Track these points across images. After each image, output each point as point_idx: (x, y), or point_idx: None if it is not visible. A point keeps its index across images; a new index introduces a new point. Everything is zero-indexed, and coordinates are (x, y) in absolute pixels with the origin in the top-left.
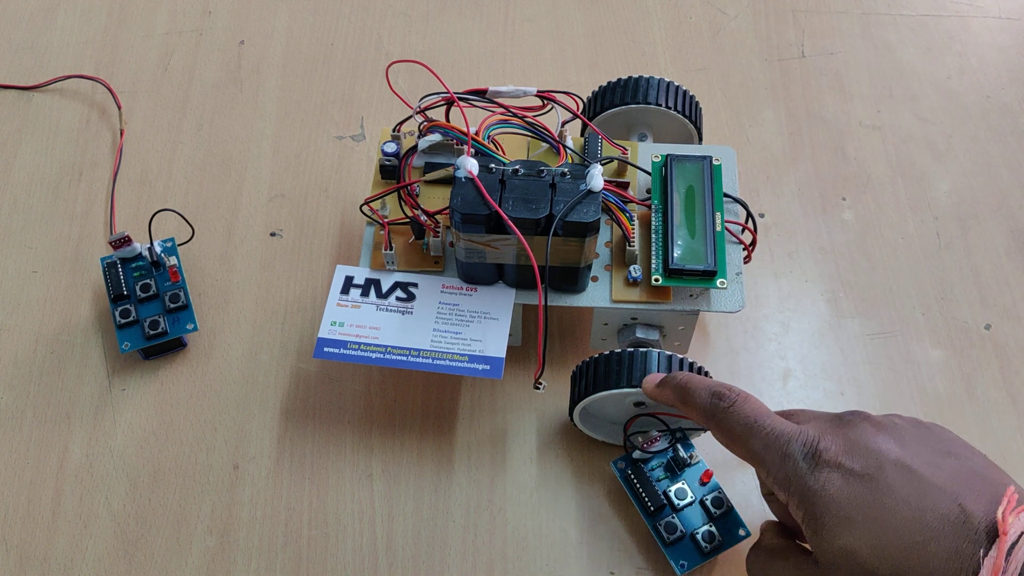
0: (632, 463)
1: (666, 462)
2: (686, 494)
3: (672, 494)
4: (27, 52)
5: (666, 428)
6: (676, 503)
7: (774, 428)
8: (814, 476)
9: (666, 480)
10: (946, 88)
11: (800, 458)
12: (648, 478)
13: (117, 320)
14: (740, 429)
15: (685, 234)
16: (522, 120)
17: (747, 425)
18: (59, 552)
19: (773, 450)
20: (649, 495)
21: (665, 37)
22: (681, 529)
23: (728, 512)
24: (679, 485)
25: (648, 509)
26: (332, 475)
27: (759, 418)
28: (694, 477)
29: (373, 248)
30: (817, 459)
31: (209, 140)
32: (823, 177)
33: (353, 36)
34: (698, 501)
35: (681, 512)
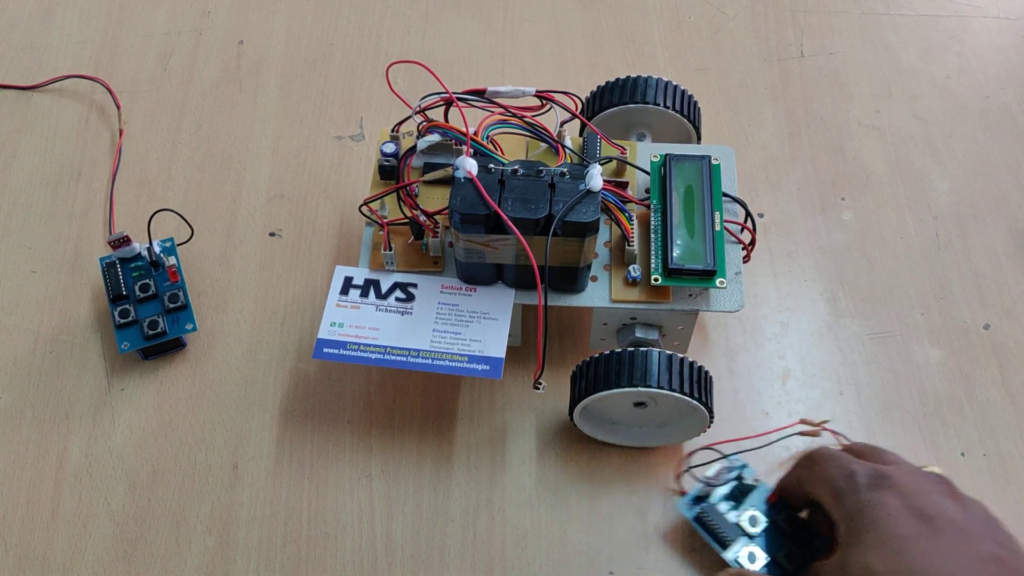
0: (698, 499)
1: (730, 491)
2: (758, 520)
3: (745, 522)
4: (26, 52)
5: (722, 455)
6: (751, 531)
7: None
8: (873, 493)
9: (733, 510)
10: (945, 88)
11: (862, 476)
12: (721, 513)
13: (116, 320)
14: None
15: (684, 234)
16: (521, 120)
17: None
18: (58, 552)
19: (841, 470)
20: (725, 529)
21: (664, 37)
22: (764, 556)
23: (804, 526)
24: (751, 512)
25: (725, 544)
26: (331, 475)
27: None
28: (759, 498)
29: (372, 248)
30: (880, 483)
31: (208, 140)
32: (822, 177)
33: (352, 36)
34: (770, 524)
35: (757, 538)
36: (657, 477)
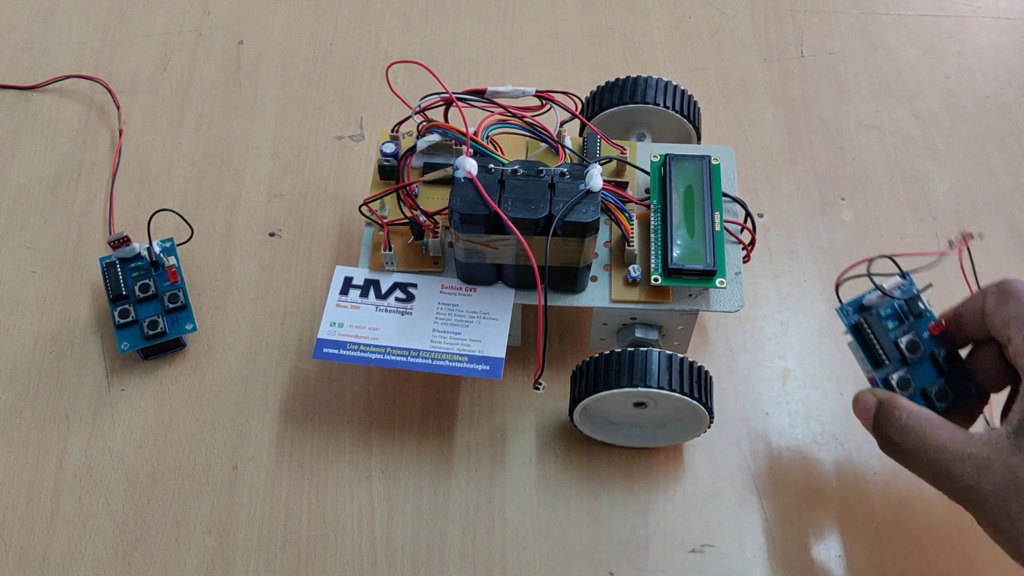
0: (862, 309)
1: (896, 310)
2: (918, 347)
3: (903, 346)
4: (26, 52)
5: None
6: (908, 357)
7: None
8: None
9: (896, 330)
10: (945, 88)
11: None
12: (884, 326)
13: (116, 320)
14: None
15: (684, 234)
16: (521, 120)
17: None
18: (58, 552)
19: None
20: (884, 345)
21: (664, 37)
22: (915, 385)
23: (960, 368)
24: (910, 337)
25: (881, 361)
26: (331, 475)
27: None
28: (923, 327)
29: (372, 249)
30: None
31: (208, 140)
32: (822, 177)
33: (352, 36)
34: (927, 354)
35: (912, 366)
36: (657, 477)
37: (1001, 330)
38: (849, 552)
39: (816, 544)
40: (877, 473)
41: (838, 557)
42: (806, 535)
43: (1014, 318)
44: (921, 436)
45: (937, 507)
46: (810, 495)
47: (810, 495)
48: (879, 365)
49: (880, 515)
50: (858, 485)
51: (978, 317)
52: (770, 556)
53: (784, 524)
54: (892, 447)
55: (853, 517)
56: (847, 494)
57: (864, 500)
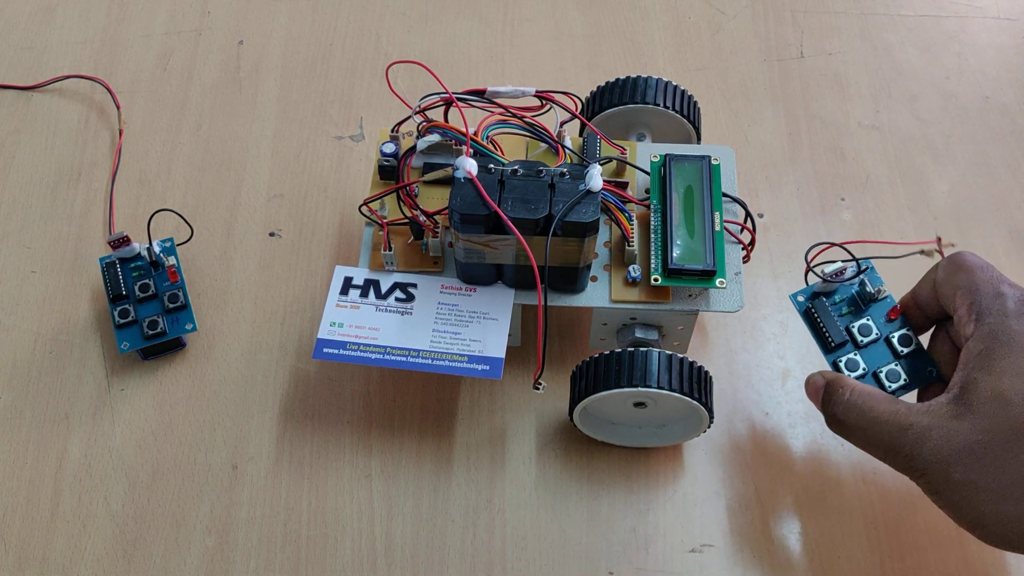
0: (814, 296)
1: (851, 296)
2: (870, 330)
3: (855, 330)
4: (26, 52)
5: (852, 259)
6: (859, 340)
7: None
8: (1019, 320)
9: (849, 316)
10: (945, 88)
11: (1012, 300)
12: (830, 312)
13: (116, 320)
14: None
15: (684, 234)
16: (521, 120)
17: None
18: (57, 552)
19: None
20: (831, 330)
21: (664, 37)
22: (863, 367)
23: (917, 351)
24: (863, 321)
25: (829, 345)
26: (331, 475)
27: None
28: (880, 313)
29: (372, 248)
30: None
31: (208, 140)
32: (822, 177)
33: (352, 36)
34: (883, 339)
35: (864, 349)
36: (657, 477)
37: (949, 301)
38: (849, 553)
39: (816, 544)
40: (877, 473)
41: (838, 558)
42: (806, 535)
43: (960, 288)
44: (864, 410)
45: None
46: (810, 495)
47: (810, 495)
48: (829, 350)
49: (880, 515)
50: (858, 485)
51: (933, 292)
52: (770, 556)
53: (784, 524)
54: (837, 424)
55: (853, 517)
56: (847, 494)
57: (864, 500)
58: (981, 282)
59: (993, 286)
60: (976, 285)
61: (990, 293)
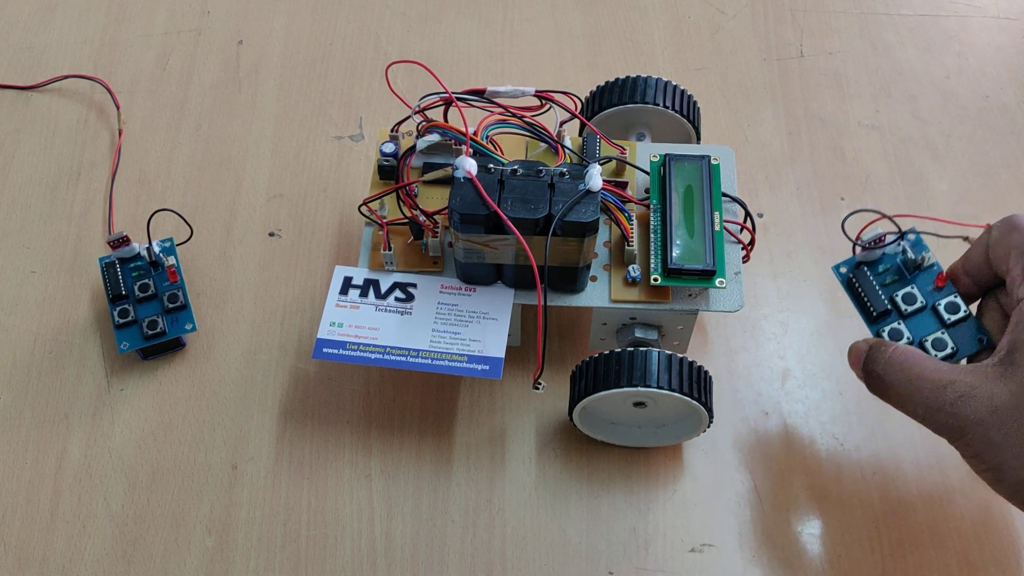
0: (856, 266)
1: (895, 266)
2: (915, 299)
3: (899, 299)
4: (25, 52)
5: (897, 229)
6: (903, 308)
7: None
8: None
9: (894, 285)
10: (945, 88)
11: None
12: (872, 282)
13: (116, 320)
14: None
15: (684, 234)
16: (520, 120)
17: None
18: (57, 552)
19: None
20: (872, 299)
21: (663, 37)
22: (908, 336)
23: (966, 318)
24: (907, 290)
25: (871, 315)
26: (331, 475)
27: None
28: (927, 282)
29: (372, 248)
30: None
31: (208, 140)
32: (822, 177)
33: (352, 36)
34: (929, 307)
35: (909, 318)
36: (657, 477)
37: (1001, 262)
38: (849, 552)
39: (816, 544)
40: (877, 473)
41: (838, 557)
42: (806, 535)
43: (1015, 248)
44: (905, 367)
45: (937, 507)
46: (810, 495)
47: (810, 495)
48: (872, 320)
49: (880, 515)
50: (858, 485)
51: (984, 256)
52: (770, 556)
53: (784, 524)
54: (878, 382)
55: (853, 517)
56: (847, 494)
57: (864, 500)
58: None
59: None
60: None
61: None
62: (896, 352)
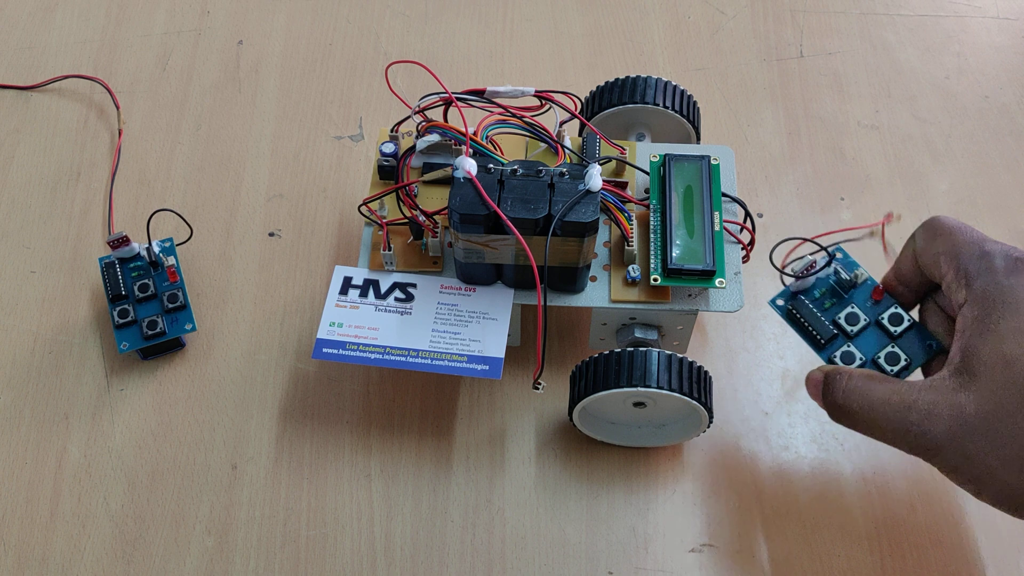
0: (792, 296)
1: (830, 287)
2: (858, 318)
3: (843, 320)
4: (25, 52)
5: (820, 248)
6: (849, 329)
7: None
8: (1009, 276)
9: (834, 308)
10: (944, 88)
11: (999, 257)
12: (812, 309)
13: (115, 320)
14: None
15: (683, 234)
16: (520, 120)
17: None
18: (57, 552)
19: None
20: (816, 326)
21: (663, 37)
22: (860, 357)
23: (911, 327)
24: (849, 310)
25: (819, 342)
26: (330, 475)
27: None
28: (864, 297)
29: (371, 248)
30: (1019, 265)
31: (207, 140)
32: (821, 177)
33: (352, 36)
34: (873, 322)
35: (856, 338)
36: (657, 477)
37: (933, 269)
38: (849, 551)
39: (816, 544)
40: (877, 473)
41: (838, 557)
42: (805, 535)
43: (942, 253)
44: (865, 394)
45: (937, 507)
46: (809, 495)
47: (809, 495)
48: (820, 347)
49: (880, 514)
50: (858, 484)
51: (913, 264)
52: (769, 556)
53: (783, 523)
54: (840, 412)
55: (853, 516)
56: (846, 494)
57: (864, 499)
58: (963, 244)
59: (977, 246)
60: (958, 248)
61: (975, 254)
62: (852, 379)
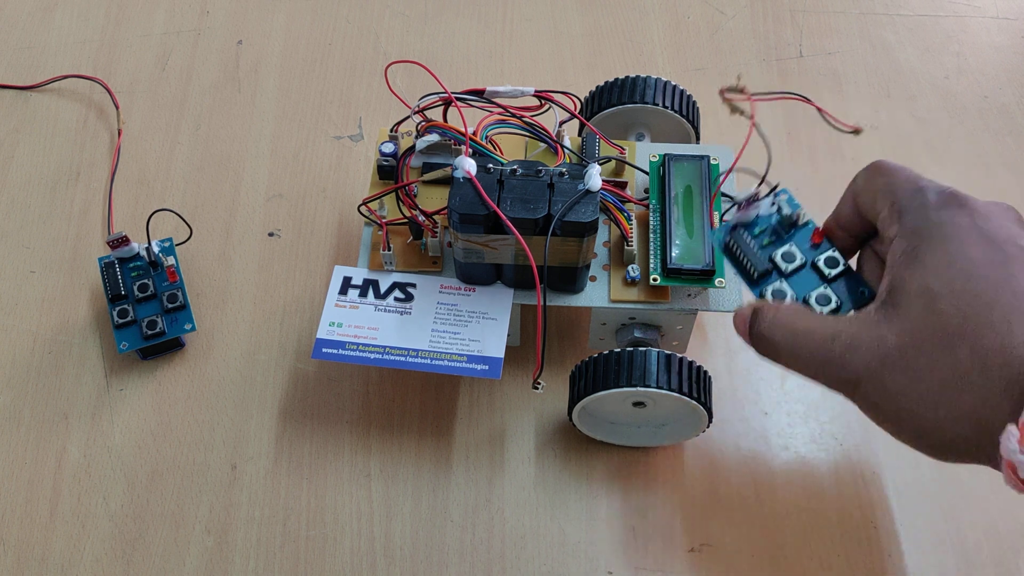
0: (731, 229)
1: (771, 227)
2: (794, 257)
3: (779, 258)
4: (25, 52)
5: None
6: (783, 267)
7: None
8: (943, 212)
9: (771, 247)
10: (944, 88)
11: (932, 192)
12: (750, 243)
13: (115, 320)
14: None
15: (683, 233)
16: (520, 120)
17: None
18: (56, 552)
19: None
20: (752, 259)
21: (663, 37)
22: (791, 294)
23: (845, 271)
24: (786, 248)
25: (752, 277)
26: (330, 475)
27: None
28: (803, 240)
29: (371, 248)
30: (951, 201)
31: (207, 140)
32: (821, 177)
33: (351, 36)
34: (809, 264)
35: (790, 277)
36: (656, 477)
37: (869, 208)
38: (848, 552)
39: (815, 544)
40: (876, 474)
41: (837, 556)
42: (805, 535)
43: (881, 191)
44: (789, 325)
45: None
46: (808, 495)
47: (808, 495)
48: (754, 282)
49: (879, 515)
50: (857, 484)
51: (853, 207)
52: (769, 555)
53: (783, 524)
54: (765, 344)
55: (852, 517)
56: (845, 494)
57: (864, 499)
58: (900, 181)
59: (912, 183)
60: (895, 184)
61: (910, 189)
62: (780, 312)
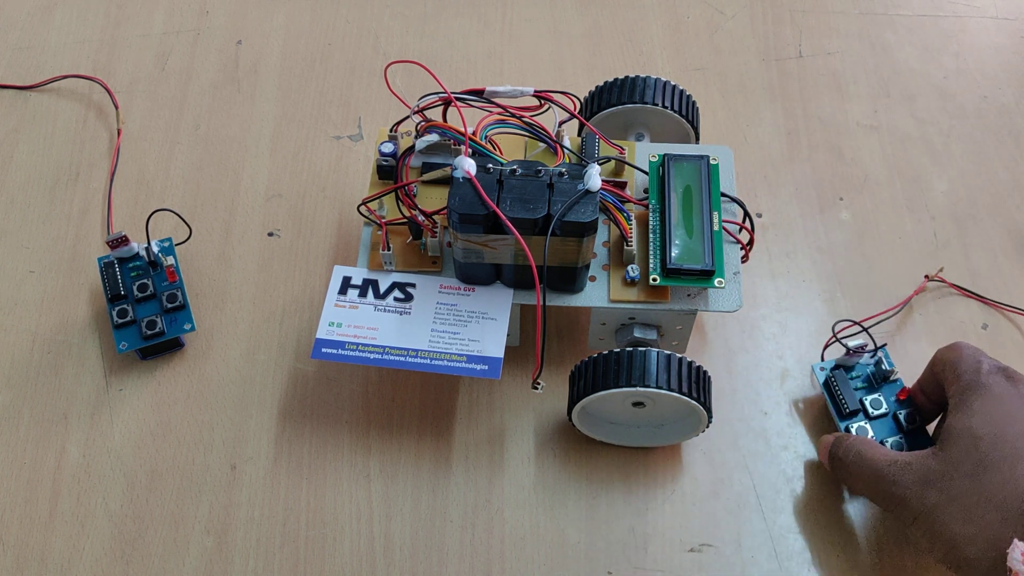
0: (835, 368)
1: (866, 375)
2: (881, 404)
3: (868, 403)
4: (24, 52)
5: (872, 342)
6: (870, 411)
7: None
8: (990, 376)
9: (863, 391)
10: (943, 88)
11: (986, 363)
12: (848, 383)
13: (114, 320)
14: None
15: (683, 234)
16: (519, 120)
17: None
18: (56, 552)
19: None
20: (847, 397)
21: (663, 37)
22: (872, 435)
23: (919, 429)
24: (875, 396)
25: (843, 412)
26: (330, 475)
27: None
28: (891, 393)
29: (371, 248)
30: (1001, 371)
31: (206, 140)
32: (820, 177)
33: (351, 36)
34: (891, 414)
35: (874, 420)
36: (656, 477)
37: (941, 374)
38: (848, 551)
39: (814, 544)
40: None
41: (837, 557)
42: (804, 534)
43: (950, 362)
44: (861, 451)
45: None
46: (808, 495)
47: (808, 495)
48: (843, 416)
49: (879, 513)
50: None
51: (931, 374)
52: (768, 555)
53: (782, 524)
54: (839, 465)
55: (852, 517)
56: (845, 494)
57: (862, 500)
58: (965, 355)
59: (974, 356)
60: (961, 357)
61: (971, 360)
62: (856, 441)
